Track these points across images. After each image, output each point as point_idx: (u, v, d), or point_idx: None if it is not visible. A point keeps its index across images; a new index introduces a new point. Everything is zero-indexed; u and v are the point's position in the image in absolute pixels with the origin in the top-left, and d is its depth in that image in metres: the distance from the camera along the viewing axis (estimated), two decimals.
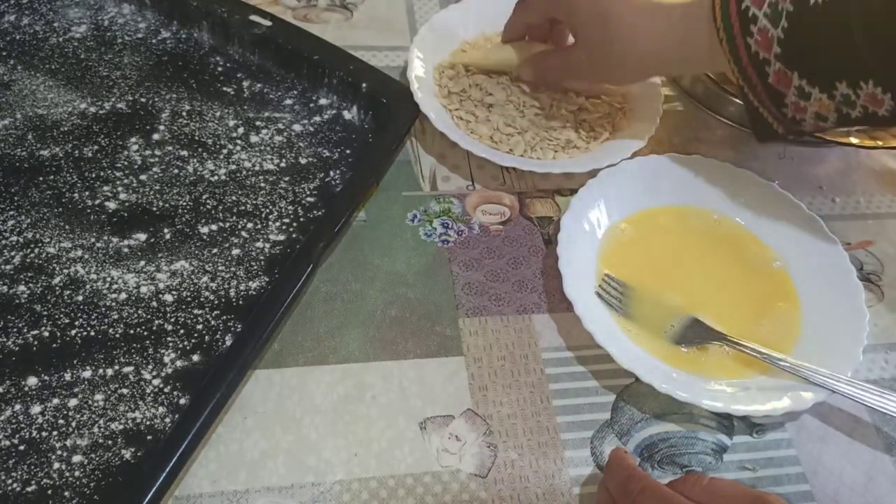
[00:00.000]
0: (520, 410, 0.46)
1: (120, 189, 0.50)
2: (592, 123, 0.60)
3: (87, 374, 0.42)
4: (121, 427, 0.40)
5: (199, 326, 0.45)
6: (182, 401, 0.42)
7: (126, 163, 0.52)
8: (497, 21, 0.65)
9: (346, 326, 0.48)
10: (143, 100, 0.56)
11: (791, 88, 0.45)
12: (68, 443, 0.39)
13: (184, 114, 0.55)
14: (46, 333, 0.43)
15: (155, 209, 0.50)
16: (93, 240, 0.48)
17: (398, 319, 0.49)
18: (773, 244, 0.54)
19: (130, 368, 0.42)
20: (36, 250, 0.47)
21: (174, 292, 0.46)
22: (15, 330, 0.43)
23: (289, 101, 0.58)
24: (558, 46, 0.59)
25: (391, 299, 0.49)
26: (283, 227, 0.50)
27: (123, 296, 0.45)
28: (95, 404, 0.41)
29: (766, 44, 0.44)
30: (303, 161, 0.54)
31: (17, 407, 0.40)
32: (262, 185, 0.52)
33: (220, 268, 0.48)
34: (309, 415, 0.44)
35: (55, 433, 0.40)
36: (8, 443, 0.39)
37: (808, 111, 0.45)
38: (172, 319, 0.45)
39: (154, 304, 0.45)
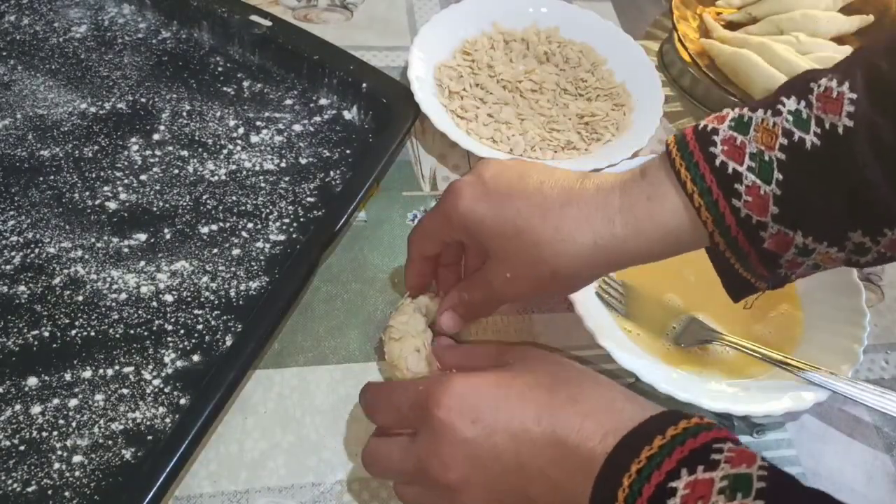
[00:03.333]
0: None
1: (120, 189, 0.50)
2: (595, 125, 0.60)
3: (88, 374, 0.42)
4: (121, 427, 0.40)
5: (200, 326, 0.45)
6: (182, 401, 0.42)
7: (126, 163, 0.52)
8: (497, 21, 0.65)
9: (346, 326, 0.48)
10: (143, 100, 0.56)
11: (791, 248, 0.35)
12: (68, 443, 0.39)
13: (184, 114, 0.55)
14: (47, 333, 0.43)
15: (155, 209, 0.50)
16: (93, 240, 0.48)
17: None
18: None
19: (131, 368, 0.42)
20: (36, 250, 0.47)
21: (174, 292, 0.46)
22: (15, 330, 0.43)
23: (289, 102, 0.58)
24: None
25: (391, 299, 0.49)
26: (284, 227, 0.50)
27: (124, 296, 0.45)
28: (96, 404, 0.41)
29: (759, 205, 0.34)
30: (303, 161, 0.54)
31: (18, 407, 0.40)
32: (263, 185, 0.52)
33: (220, 268, 0.48)
34: (309, 415, 0.44)
35: (55, 433, 0.40)
36: (8, 443, 0.39)
37: (804, 265, 0.36)
38: (173, 319, 0.45)
39: (154, 304, 0.45)
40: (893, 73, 0.32)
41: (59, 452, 0.39)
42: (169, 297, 0.46)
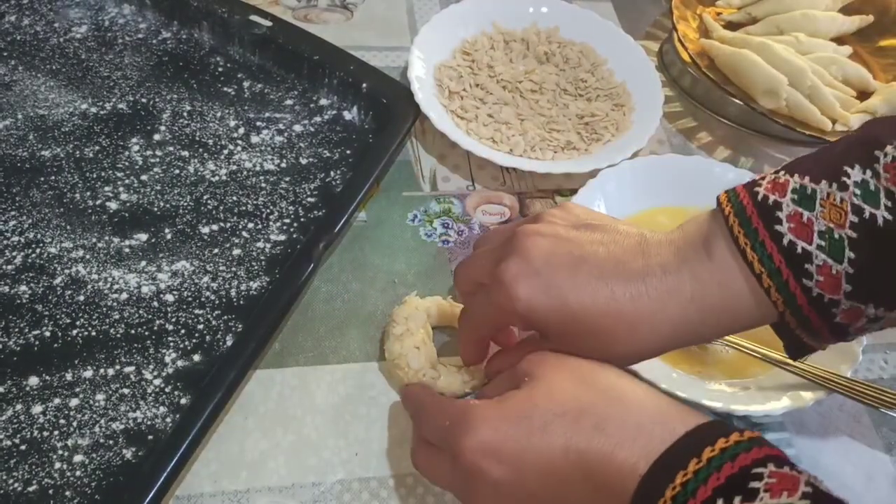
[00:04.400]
0: None
1: (121, 189, 0.50)
2: (595, 126, 0.60)
3: (89, 373, 0.42)
4: (122, 427, 0.40)
5: (200, 326, 0.45)
6: (183, 400, 0.42)
7: (127, 163, 0.52)
8: (497, 21, 0.65)
9: (347, 326, 0.48)
10: (143, 100, 0.56)
11: (862, 318, 0.34)
12: (69, 442, 0.40)
13: (184, 114, 0.55)
14: (48, 333, 0.43)
15: (156, 209, 0.50)
16: (94, 240, 0.48)
17: None
18: None
19: (131, 368, 0.43)
20: (37, 250, 0.47)
21: (175, 292, 0.46)
22: (16, 330, 0.43)
23: (289, 102, 0.58)
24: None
25: (391, 299, 0.49)
26: (284, 227, 0.50)
27: (124, 296, 0.45)
28: (97, 404, 0.41)
29: (832, 284, 0.33)
30: (303, 161, 0.54)
31: (19, 407, 0.40)
32: (263, 185, 0.52)
33: (220, 268, 0.48)
34: (310, 414, 0.44)
35: (56, 433, 0.40)
36: (9, 443, 0.39)
37: (870, 329, 0.35)
38: (173, 319, 0.45)
39: (155, 304, 0.45)
40: None
41: (60, 452, 0.39)
42: (170, 297, 0.46)
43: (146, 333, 0.44)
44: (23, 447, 0.39)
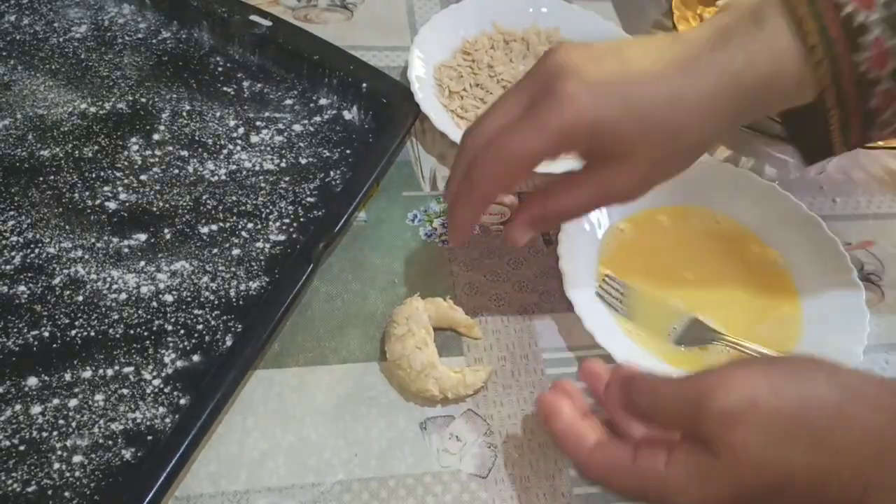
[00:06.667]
0: (520, 410, 0.46)
1: (120, 189, 0.50)
2: None
3: (88, 374, 0.42)
4: (121, 427, 0.40)
5: (200, 327, 0.45)
6: (182, 401, 0.42)
7: (126, 163, 0.52)
8: (497, 21, 0.65)
9: (347, 326, 0.48)
10: (143, 100, 0.56)
11: (891, 108, 0.34)
12: (68, 443, 0.39)
13: (184, 114, 0.55)
14: (46, 334, 0.43)
15: (155, 209, 0.50)
16: (93, 240, 0.48)
17: None
18: (773, 244, 0.54)
19: (131, 369, 0.42)
20: (36, 250, 0.47)
21: (174, 292, 0.46)
22: (15, 330, 0.43)
23: (289, 102, 0.58)
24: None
25: (391, 299, 0.49)
26: (284, 227, 0.50)
27: (123, 296, 0.45)
28: (96, 404, 0.41)
29: (880, 59, 0.33)
30: (303, 161, 0.54)
31: (18, 407, 0.40)
32: (263, 185, 0.52)
33: (220, 268, 0.48)
34: (309, 415, 0.44)
35: (55, 433, 0.40)
36: (8, 443, 0.39)
37: (892, 126, 0.36)
38: (173, 320, 0.45)
39: (154, 304, 0.45)
40: None
41: (59, 452, 0.39)
42: (169, 297, 0.46)
43: (145, 334, 0.44)
44: (22, 448, 0.39)
